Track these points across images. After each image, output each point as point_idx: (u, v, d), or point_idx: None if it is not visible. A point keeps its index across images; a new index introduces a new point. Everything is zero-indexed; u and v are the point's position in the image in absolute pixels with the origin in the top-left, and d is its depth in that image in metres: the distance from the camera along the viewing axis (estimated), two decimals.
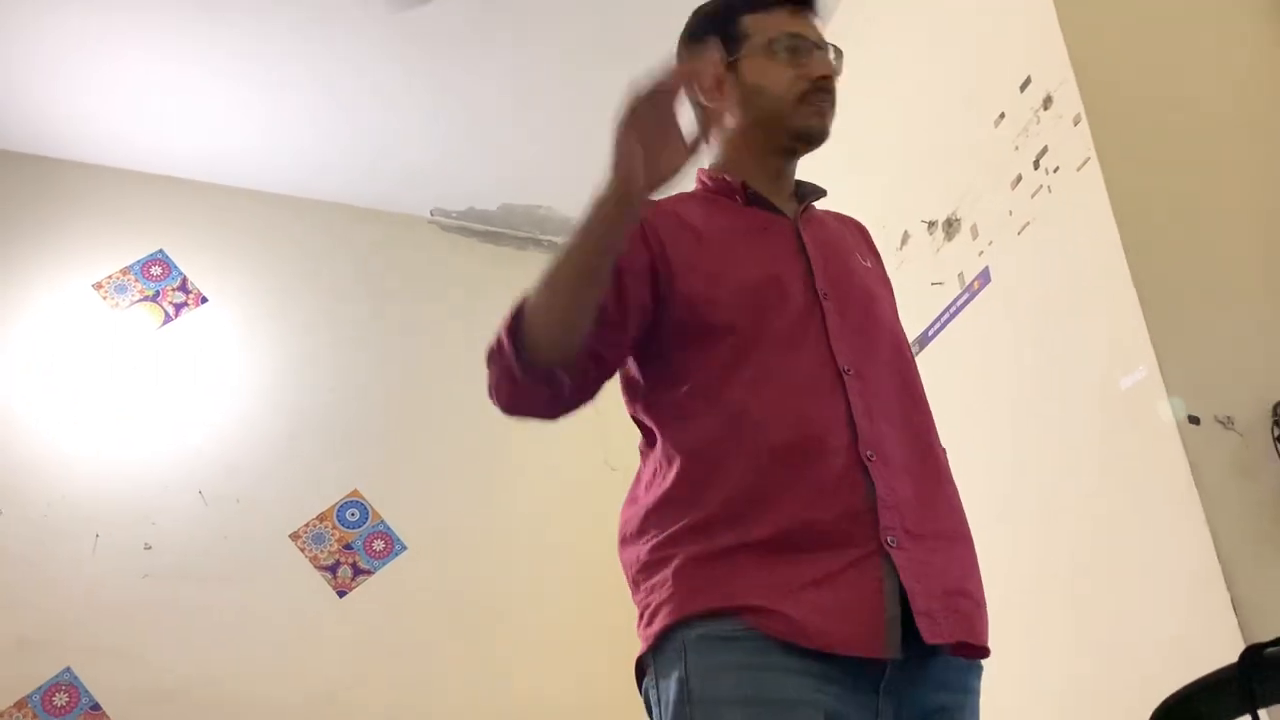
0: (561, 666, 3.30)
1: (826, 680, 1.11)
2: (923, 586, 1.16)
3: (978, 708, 1.26)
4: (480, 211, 4.02)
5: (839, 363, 1.27)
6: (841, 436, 1.22)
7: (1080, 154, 2.09)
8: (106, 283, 3.51)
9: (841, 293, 1.33)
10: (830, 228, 1.46)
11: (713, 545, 1.18)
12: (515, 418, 1.35)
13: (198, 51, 3.27)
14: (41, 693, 2.88)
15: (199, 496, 3.27)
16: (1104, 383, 1.95)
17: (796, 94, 1.37)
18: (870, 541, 1.17)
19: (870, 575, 1.15)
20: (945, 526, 1.26)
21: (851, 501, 1.18)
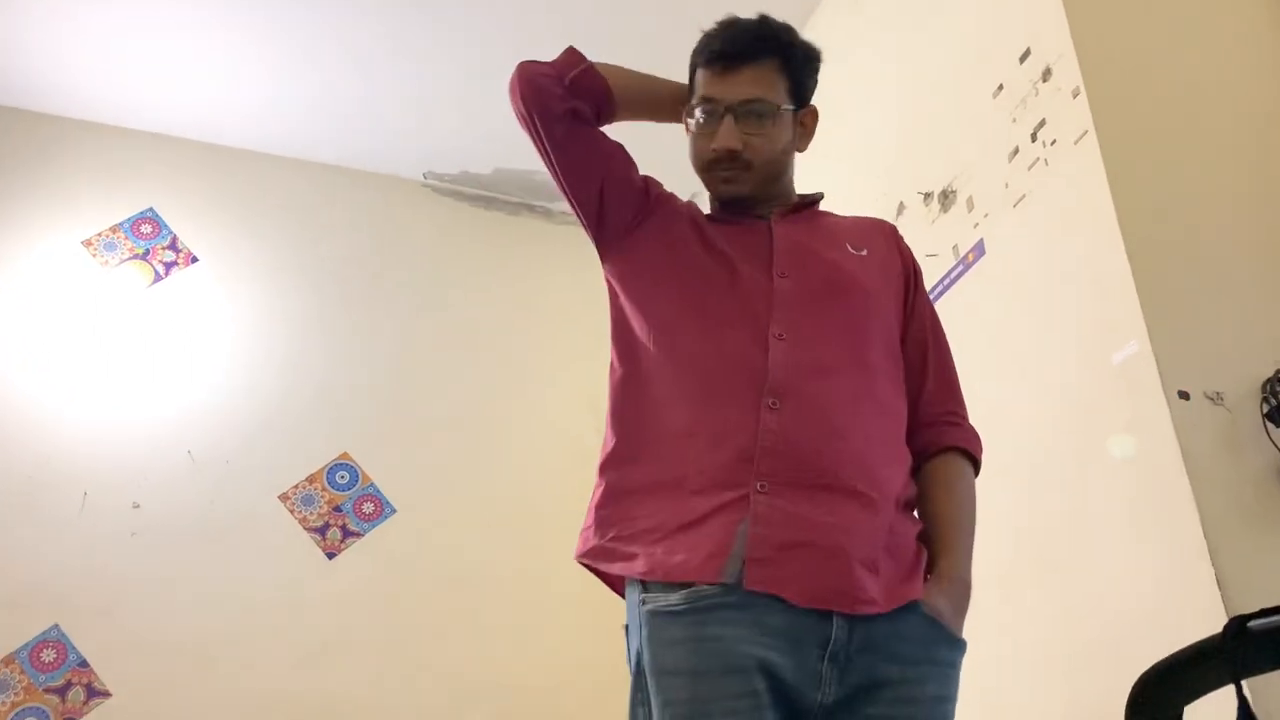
0: (548, 631, 3.31)
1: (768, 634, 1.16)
2: (766, 532, 1.20)
3: (949, 680, 1.24)
4: (474, 175, 3.99)
5: (772, 330, 1.34)
6: (751, 387, 1.29)
7: (1079, 127, 2.08)
8: (96, 240, 3.48)
9: (799, 274, 1.40)
10: (822, 224, 1.52)
11: (621, 481, 1.33)
12: (522, 105, 1.45)
13: (193, 9, 3.23)
14: (29, 649, 2.88)
15: (188, 456, 3.26)
16: (1096, 357, 1.96)
17: (704, 163, 1.46)
18: (745, 486, 1.23)
19: (734, 516, 1.22)
20: (841, 482, 1.25)
21: (741, 446, 1.25)
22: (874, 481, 1.28)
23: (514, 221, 4.07)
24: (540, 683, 3.25)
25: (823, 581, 1.19)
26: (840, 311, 1.39)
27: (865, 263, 1.47)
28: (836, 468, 1.26)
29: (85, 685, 2.88)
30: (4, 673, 2.84)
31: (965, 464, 1.43)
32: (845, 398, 1.32)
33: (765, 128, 1.42)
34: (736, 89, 1.42)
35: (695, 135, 1.45)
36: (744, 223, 1.48)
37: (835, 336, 1.37)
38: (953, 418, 1.46)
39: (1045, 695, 1.94)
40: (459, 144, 3.84)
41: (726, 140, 1.41)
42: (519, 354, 3.80)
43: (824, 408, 1.30)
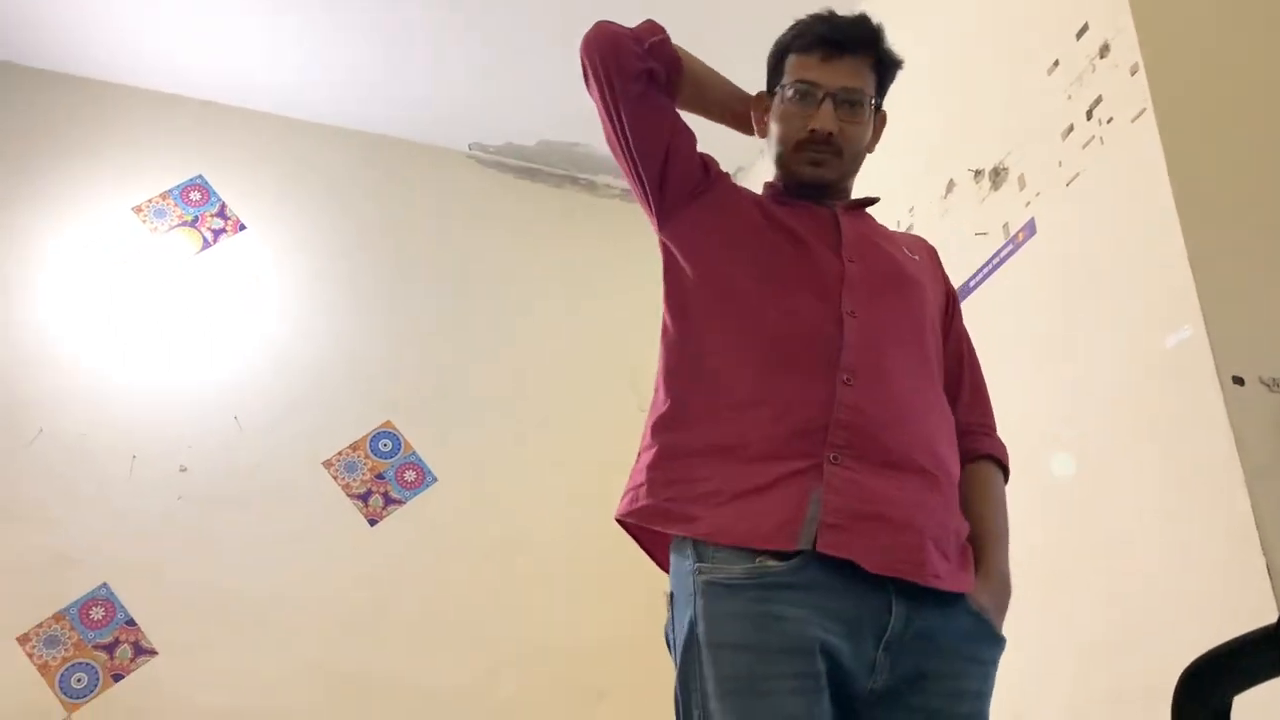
0: (587, 601, 3.34)
1: (830, 618, 1.16)
2: (841, 501, 1.21)
3: (988, 677, 1.26)
4: (518, 147, 3.99)
5: (844, 306, 1.35)
6: (824, 360, 1.30)
7: (1136, 105, 2.04)
8: (146, 206, 3.52)
9: (867, 261, 1.43)
10: (878, 227, 1.56)
11: (677, 442, 1.32)
12: (598, 59, 1.48)
13: None
14: (79, 606, 2.95)
15: (234, 422, 3.31)
16: (1148, 341, 1.92)
17: (794, 141, 1.47)
18: (817, 456, 1.24)
19: (806, 484, 1.22)
20: (912, 461, 1.28)
21: (812, 417, 1.26)
22: (940, 464, 1.32)
23: (557, 194, 4.06)
24: (579, 649, 3.27)
25: (895, 552, 1.21)
26: (904, 303, 1.42)
27: (920, 267, 1.52)
28: (906, 447, 1.28)
29: (133, 643, 2.94)
30: (55, 628, 2.90)
31: (999, 472, 1.48)
32: (911, 382, 1.35)
33: (859, 118, 1.47)
34: (838, 76, 1.45)
35: (786, 115, 1.47)
36: (809, 207, 1.49)
37: (901, 324, 1.39)
38: (985, 428, 1.50)
39: (1089, 682, 1.93)
40: (504, 115, 3.84)
41: (826, 123, 1.44)
42: (561, 325, 3.80)
43: (894, 388, 1.32)
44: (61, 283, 3.32)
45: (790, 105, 1.46)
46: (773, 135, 1.50)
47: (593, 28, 1.50)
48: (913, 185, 2.77)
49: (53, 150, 3.47)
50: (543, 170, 4.07)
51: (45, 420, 3.12)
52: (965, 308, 2.44)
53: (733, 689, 1.14)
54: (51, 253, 3.35)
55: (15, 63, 3.52)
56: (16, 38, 3.45)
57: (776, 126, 1.49)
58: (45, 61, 3.53)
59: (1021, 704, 2.00)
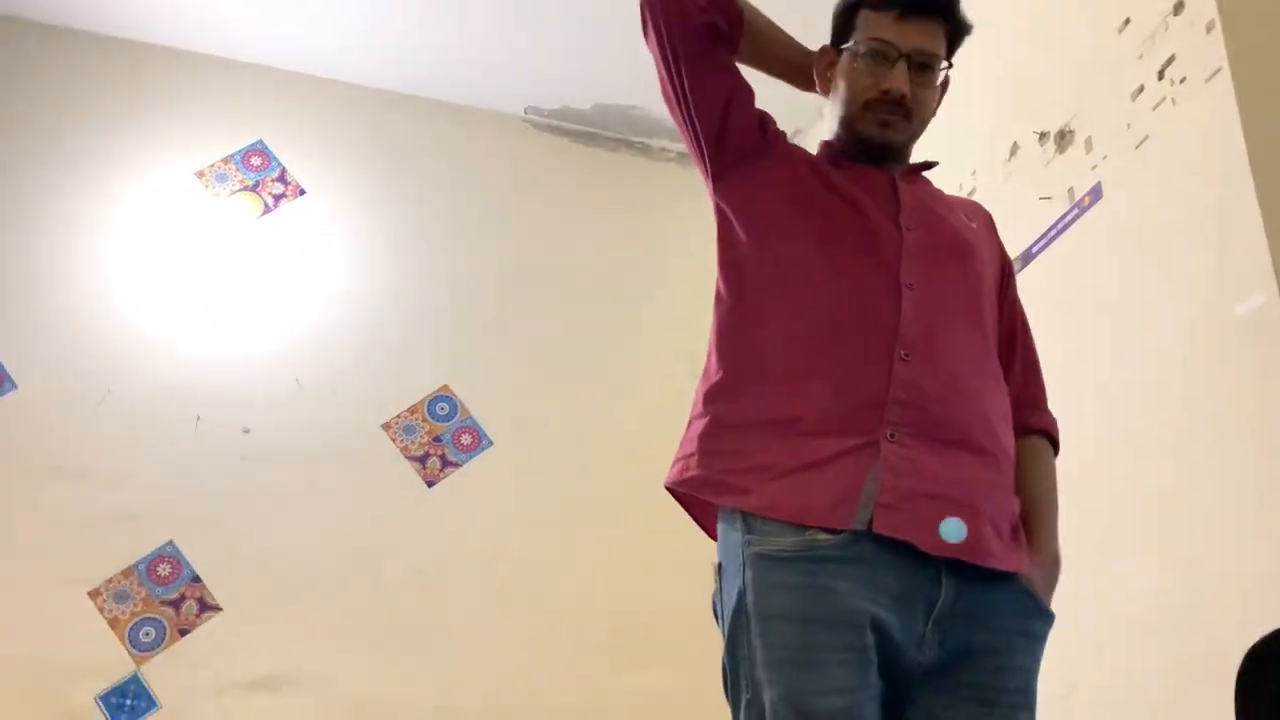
0: (641, 565, 3.35)
1: (880, 592, 1.16)
2: (897, 481, 1.19)
3: (1036, 653, 1.25)
4: (574, 111, 3.97)
5: (902, 278, 1.32)
6: (881, 334, 1.28)
7: (1211, 64, 1.97)
8: (208, 171, 3.57)
9: (926, 229, 1.40)
10: (937, 192, 1.52)
11: (729, 414, 1.31)
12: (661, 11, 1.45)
13: None
14: (146, 563, 3.03)
15: (296, 384, 3.36)
16: (1218, 308, 1.87)
17: (863, 101, 1.43)
18: (873, 433, 1.22)
19: (860, 462, 1.20)
20: (970, 439, 1.26)
21: (868, 393, 1.24)
22: (998, 441, 1.30)
23: (613, 158, 4.04)
24: (633, 612, 3.29)
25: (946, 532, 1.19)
26: (962, 273, 1.39)
27: (978, 235, 1.48)
28: (964, 425, 1.26)
29: (198, 599, 3.02)
30: (124, 584, 2.99)
31: (1049, 447, 1.46)
32: (969, 357, 1.33)
33: (931, 81, 1.44)
34: (913, 38, 1.42)
35: (857, 73, 1.44)
36: (867, 170, 1.45)
37: (959, 295, 1.37)
38: (1037, 403, 1.48)
39: (1146, 655, 1.90)
40: (560, 79, 3.82)
41: (900, 84, 1.40)
42: (616, 290, 3.80)
43: (953, 364, 1.30)
44: (127, 248, 3.38)
45: (862, 63, 1.43)
46: (839, 93, 1.47)
47: None
48: (975, 148, 2.71)
49: (116, 116, 3.53)
50: (598, 134, 4.05)
51: (113, 382, 3.19)
52: (1028, 274, 2.41)
53: (781, 659, 1.14)
54: (117, 218, 3.41)
55: (75, 28, 3.57)
56: (77, 3, 3.50)
57: (845, 85, 1.45)
58: (107, 27, 3.58)
59: (1076, 675, 1.98)
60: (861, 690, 1.13)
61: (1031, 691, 1.24)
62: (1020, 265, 2.44)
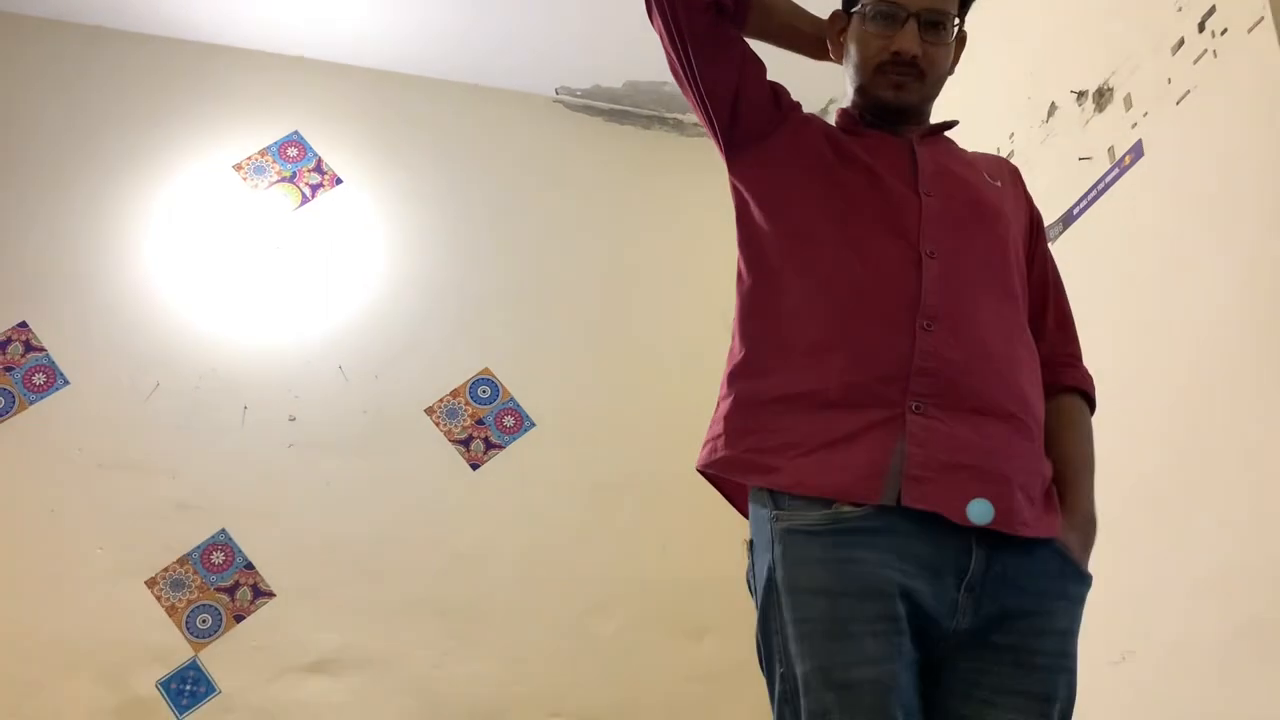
0: (686, 541, 3.36)
1: (909, 562, 1.15)
2: (925, 453, 1.19)
3: (1075, 615, 1.24)
4: (605, 89, 3.96)
5: (922, 247, 1.31)
6: (903, 304, 1.27)
7: (1253, 14, 1.92)
8: (246, 164, 3.61)
9: (945, 193, 1.38)
10: (958, 152, 1.50)
11: (753, 392, 1.30)
12: None
13: None
14: (200, 551, 3.09)
15: (339, 372, 3.40)
16: (1262, 265, 1.83)
17: (874, 64, 1.42)
18: (899, 405, 1.21)
19: (888, 436, 1.20)
20: (998, 407, 1.24)
21: (892, 365, 1.23)
22: (1027, 408, 1.28)
23: (646, 135, 4.03)
24: (679, 587, 3.31)
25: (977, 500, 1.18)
26: (985, 236, 1.37)
27: (1002, 194, 1.46)
28: (992, 392, 1.25)
29: (252, 586, 3.08)
30: (180, 572, 3.05)
31: (1084, 405, 1.44)
32: (995, 323, 1.31)
33: (943, 39, 1.41)
34: (928, 3, 1.39)
35: (867, 36, 1.42)
36: (885, 137, 1.44)
37: (982, 260, 1.35)
38: (1071, 359, 1.46)
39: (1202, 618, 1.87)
40: (589, 58, 3.81)
41: (910, 44, 1.38)
42: (653, 267, 3.79)
43: (978, 331, 1.28)
44: (170, 242, 3.43)
45: (871, 26, 1.41)
46: (851, 58, 1.45)
47: None
48: (1012, 111, 2.67)
49: (153, 112, 3.57)
50: (630, 111, 4.04)
51: (161, 375, 3.25)
52: (1070, 236, 2.37)
53: (812, 632, 1.14)
54: (158, 214, 3.46)
55: (108, 27, 3.62)
56: (109, 2, 3.54)
57: (856, 49, 1.44)
58: (140, 24, 3.62)
59: (1130, 640, 1.96)
60: (894, 660, 1.12)
61: (1071, 655, 1.23)
62: (1061, 227, 2.41)
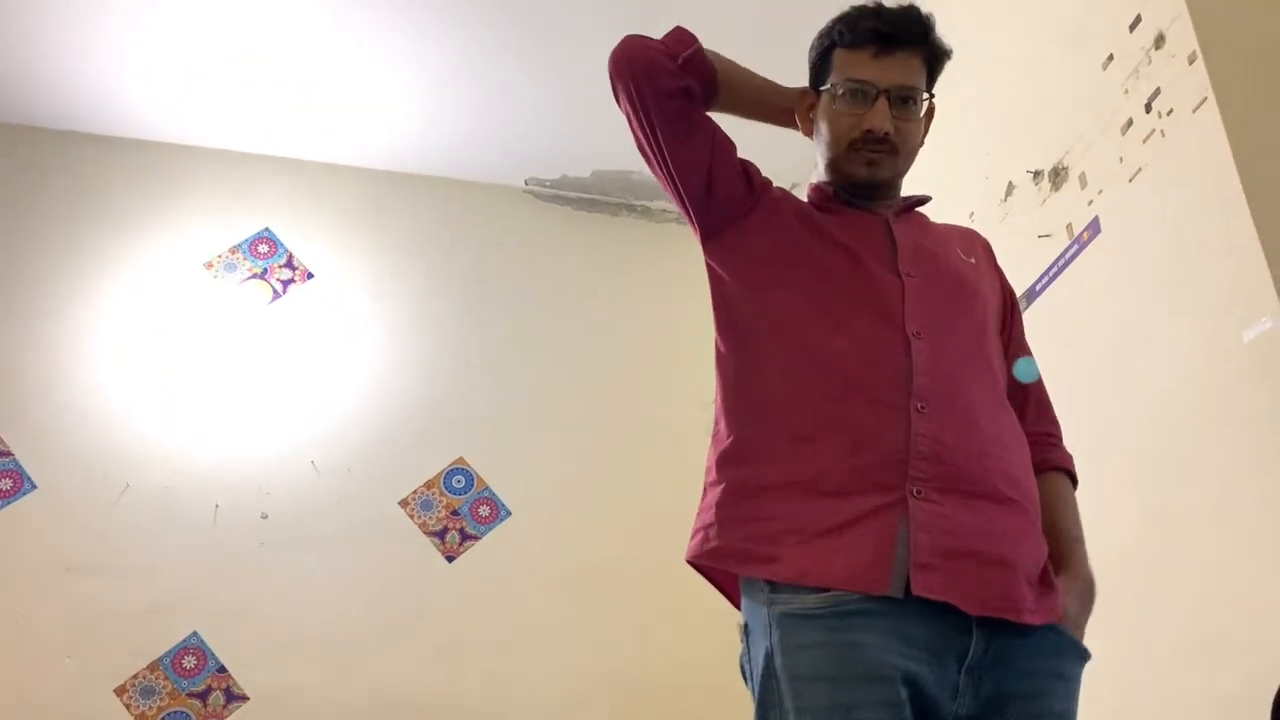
0: (665, 630, 3.32)
1: (910, 645, 1.13)
2: (930, 540, 1.17)
3: (1072, 694, 1.23)
4: (574, 179, 4.03)
5: (909, 327, 1.30)
6: (895, 387, 1.25)
7: (1196, 95, 1.99)
8: (217, 261, 3.62)
9: (925, 273, 1.38)
10: (931, 228, 1.50)
11: (745, 479, 1.27)
12: (631, 79, 1.42)
13: (294, 34, 3.33)
14: (171, 655, 3.02)
15: (311, 466, 3.37)
16: (1225, 335, 1.86)
17: (846, 142, 1.41)
18: (898, 490, 1.19)
19: (888, 522, 1.18)
20: (995, 490, 1.24)
21: (889, 449, 1.22)
22: (1021, 490, 1.28)
23: (615, 222, 4.09)
24: (658, 681, 3.26)
25: (991, 589, 1.18)
26: (966, 316, 1.37)
27: (978, 271, 1.46)
28: (988, 475, 1.24)
29: (224, 690, 3.00)
30: (150, 678, 2.98)
31: (1069, 482, 1.45)
32: (983, 404, 1.31)
33: (913, 115, 1.42)
34: (891, 74, 1.40)
35: (837, 115, 1.41)
36: (860, 215, 1.44)
37: (965, 340, 1.35)
38: (1053, 439, 1.47)
39: (1180, 690, 1.86)
40: (557, 149, 3.88)
41: (881, 122, 1.39)
42: (627, 353, 3.81)
43: (970, 413, 1.27)
44: (140, 340, 3.42)
45: (842, 105, 1.41)
46: (822, 136, 1.44)
47: (621, 43, 1.44)
48: (972, 190, 2.74)
49: (123, 213, 3.60)
50: (599, 200, 4.10)
51: (131, 475, 3.21)
52: (1033, 312, 2.41)
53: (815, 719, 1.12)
54: (129, 314, 3.46)
55: (79, 131, 3.66)
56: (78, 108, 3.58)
57: (827, 127, 1.43)
58: (108, 128, 3.67)
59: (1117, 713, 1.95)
60: None
61: None
62: (1025, 303, 2.45)
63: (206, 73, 3.47)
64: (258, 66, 3.46)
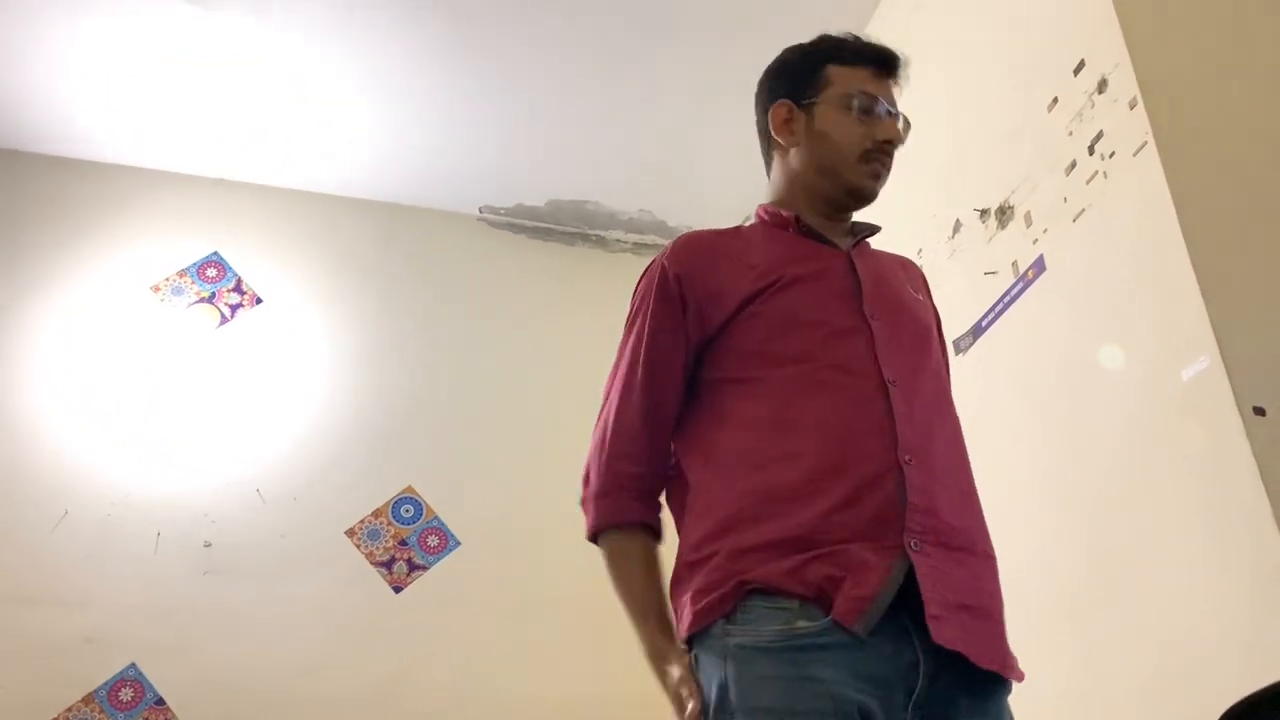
0: (614, 661, 3.29)
1: (864, 680, 1.13)
2: (939, 594, 1.17)
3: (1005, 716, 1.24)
4: (528, 208, 4.03)
5: (884, 374, 1.30)
6: (882, 441, 1.24)
7: (1137, 138, 2.03)
8: (164, 285, 3.57)
9: (891, 316, 1.38)
10: (883, 262, 1.50)
11: (745, 542, 1.22)
12: None
13: (246, 56, 3.31)
14: (108, 688, 2.94)
15: (257, 495, 3.32)
16: (1164, 374, 1.90)
17: (859, 151, 1.43)
18: (895, 543, 1.19)
19: (885, 564, 1.17)
20: (974, 543, 1.26)
21: (882, 505, 1.21)
22: (989, 542, 1.30)
23: (570, 252, 4.09)
24: (612, 712, 3.23)
25: (988, 643, 1.20)
26: (927, 360, 1.39)
27: (925, 308, 1.48)
28: (968, 528, 1.26)
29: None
30: (85, 711, 2.90)
31: None
32: (956, 454, 1.32)
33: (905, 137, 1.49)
34: (889, 96, 1.48)
35: (846, 125, 1.44)
36: (819, 249, 1.43)
37: (932, 387, 1.36)
38: None
39: None
40: (513, 178, 3.88)
41: (897, 133, 1.45)
42: (579, 382, 3.79)
43: (949, 465, 1.29)
44: (82, 365, 3.35)
45: (853, 115, 1.44)
46: (824, 145, 1.45)
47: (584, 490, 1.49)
48: (920, 227, 2.78)
49: (69, 234, 3.53)
50: (554, 229, 4.10)
51: (70, 502, 3.14)
52: (980, 347, 2.44)
53: None
54: (72, 336, 3.39)
55: (25, 150, 3.60)
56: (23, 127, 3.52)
57: (835, 135, 1.44)
58: (55, 148, 3.61)
59: None
60: None
61: None
62: (971, 339, 2.48)
63: (154, 94, 3.43)
64: (208, 89, 3.42)
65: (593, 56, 3.33)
